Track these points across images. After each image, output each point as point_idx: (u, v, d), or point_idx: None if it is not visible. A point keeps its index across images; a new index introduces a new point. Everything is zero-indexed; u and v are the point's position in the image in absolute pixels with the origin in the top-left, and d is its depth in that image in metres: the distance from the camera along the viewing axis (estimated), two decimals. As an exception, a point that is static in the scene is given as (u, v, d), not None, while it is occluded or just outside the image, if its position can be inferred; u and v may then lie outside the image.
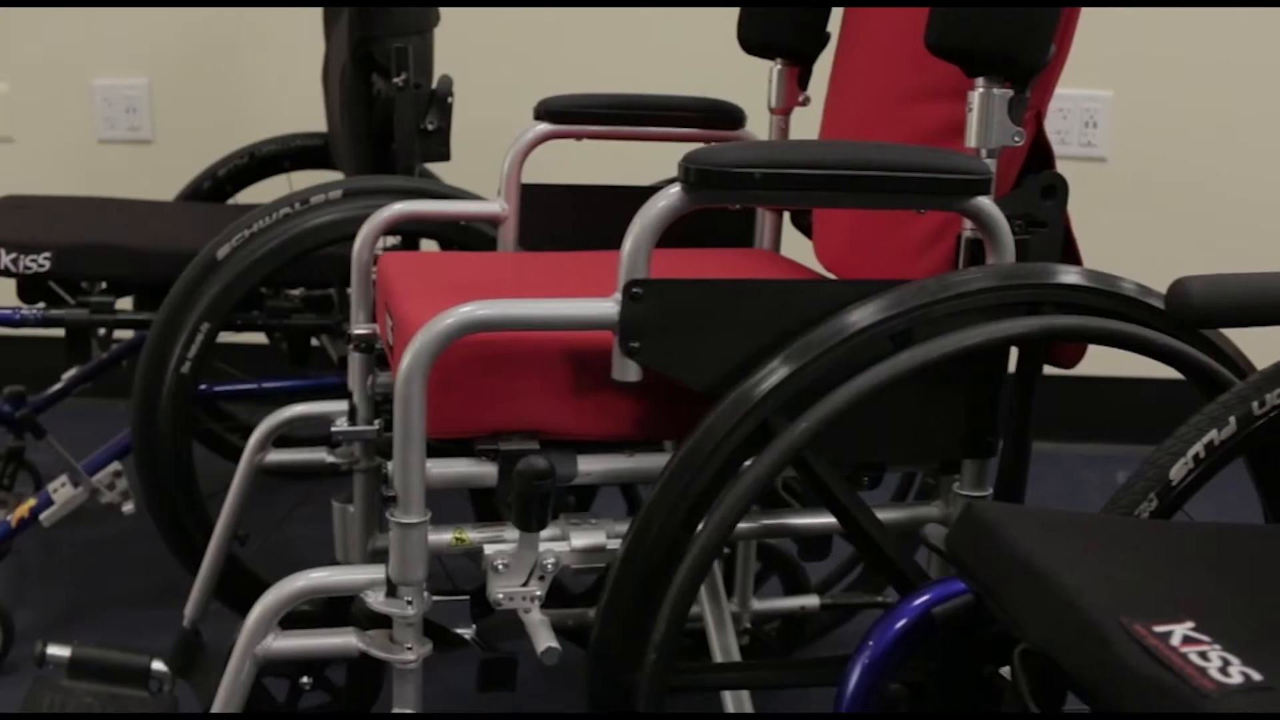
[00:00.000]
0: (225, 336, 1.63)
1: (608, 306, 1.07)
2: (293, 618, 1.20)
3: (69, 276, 1.79)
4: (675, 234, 1.10)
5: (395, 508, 1.09)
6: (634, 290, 1.06)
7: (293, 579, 1.16)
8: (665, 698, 1.06)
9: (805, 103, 1.57)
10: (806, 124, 1.54)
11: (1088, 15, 2.44)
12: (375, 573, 1.14)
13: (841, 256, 1.39)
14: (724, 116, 1.63)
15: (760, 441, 1.06)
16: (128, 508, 1.81)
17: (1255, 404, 1.02)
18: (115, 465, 1.82)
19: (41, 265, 1.75)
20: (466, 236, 1.71)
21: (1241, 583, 0.81)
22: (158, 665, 1.49)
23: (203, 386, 1.97)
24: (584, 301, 1.08)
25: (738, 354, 1.09)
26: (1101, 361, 1.50)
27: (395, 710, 1.15)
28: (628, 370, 1.08)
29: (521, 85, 1.76)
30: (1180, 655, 0.69)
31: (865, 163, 1.06)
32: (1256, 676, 0.68)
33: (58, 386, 2.05)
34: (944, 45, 1.16)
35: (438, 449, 1.15)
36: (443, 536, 1.14)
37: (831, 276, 1.41)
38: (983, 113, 1.14)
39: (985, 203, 1.12)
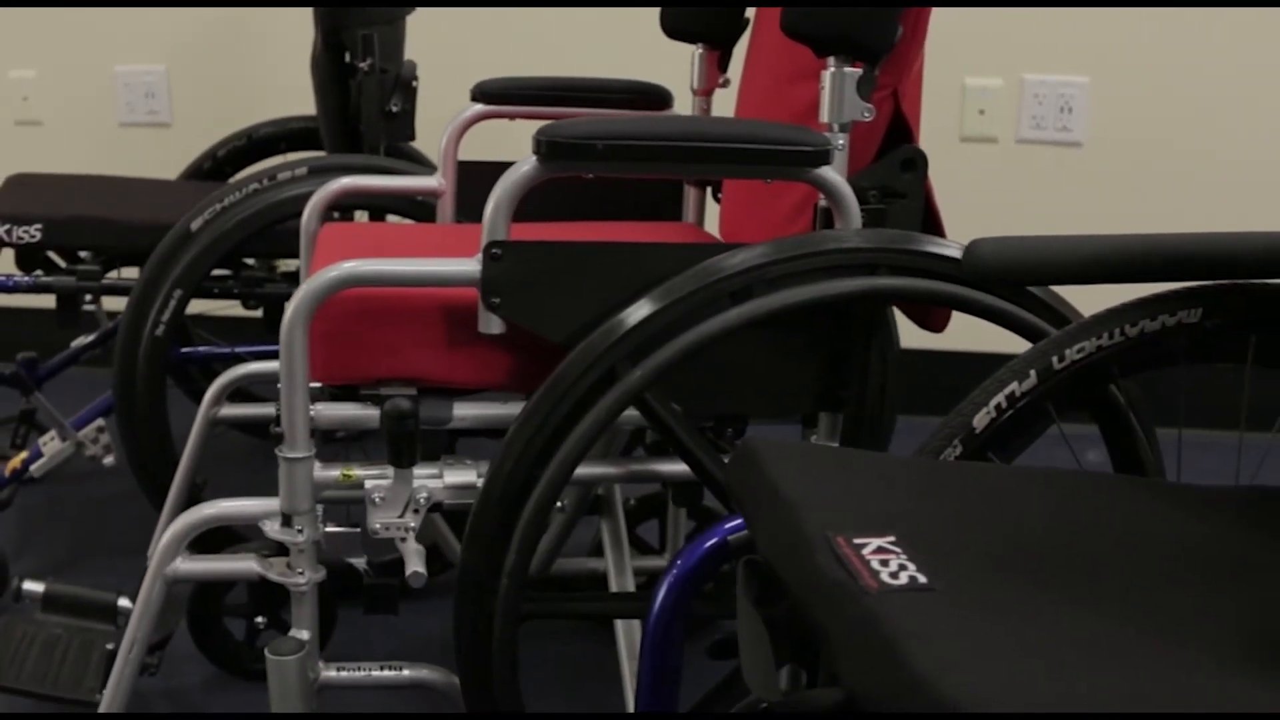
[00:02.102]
0: (223, 309, 1.72)
1: (471, 265, 1.18)
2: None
3: (59, 246, 1.93)
4: (622, 209, 1.16)
5: (283, 445, 1.21)
6: (493, 250, 1.17)
7: (201, 507, 1.29)
8: (517, 621, 1.17)
9: (725, 84, 1.66)
10: (731, 104, 1.63)
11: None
12: (274, 504, 1.26)
13: (734, 228, 1.49)
14: (651, 97, 1.72)
15: (607, 387, 1.16)
16: (108, 460, 1.96)
17: (1055, 358, 1.10)
18: (99, 421, 1.97)
19: (33, 236, 1.90)
20: (422, 211, 1.82)
21: (967, 510, 0.89)
22: (124, 602, 1.61)
23: (184, 350, 2.12)
24: (451, 261, 1.19)
25: (592, 310, 1.19)
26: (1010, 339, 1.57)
27: (292, 631, 1.28)
28: (491, 324, 1.19)
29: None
30: (863, 561, 0.78)
31: (697, 135, 1.15)
32: (922, 580, 0.76)
33: (65, 354, 2.20)
34: (795, 29, 1.25)
35: (334, 395, 1.27)
36: (331, 473, 1.25)
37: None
38: (833, 90, 1.23)
39: (828, 172, 1.21)
